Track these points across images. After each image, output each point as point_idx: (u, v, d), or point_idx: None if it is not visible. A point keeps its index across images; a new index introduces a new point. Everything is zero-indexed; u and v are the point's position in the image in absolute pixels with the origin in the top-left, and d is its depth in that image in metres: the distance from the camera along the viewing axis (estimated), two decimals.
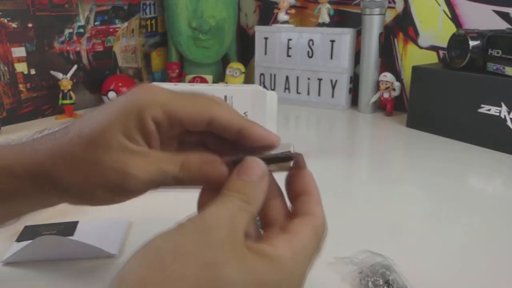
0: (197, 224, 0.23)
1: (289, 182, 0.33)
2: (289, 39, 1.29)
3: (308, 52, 1.26)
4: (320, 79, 1.26)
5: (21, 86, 1.13)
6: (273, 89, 1.33)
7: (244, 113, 0.72)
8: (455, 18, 1.08)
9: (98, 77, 1.27)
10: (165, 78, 1.45)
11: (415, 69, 1.02)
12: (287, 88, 1.33)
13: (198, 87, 0.81)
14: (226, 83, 1.36)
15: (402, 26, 1.18)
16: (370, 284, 0.44)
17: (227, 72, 1.38)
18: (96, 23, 1.27)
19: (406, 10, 1.17)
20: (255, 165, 0.27)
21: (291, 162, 0.31)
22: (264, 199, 0.27)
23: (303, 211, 0.29)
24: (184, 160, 0.28)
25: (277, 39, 1.31)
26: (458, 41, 0.93)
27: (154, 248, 0.22)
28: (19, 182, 0.28)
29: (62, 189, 0.28)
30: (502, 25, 1.00)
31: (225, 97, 0.73)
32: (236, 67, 1.38)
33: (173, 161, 0.28)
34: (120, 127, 0.27)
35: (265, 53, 1.34)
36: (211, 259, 0.21)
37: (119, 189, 0.27)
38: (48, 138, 0.29)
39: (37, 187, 0.28)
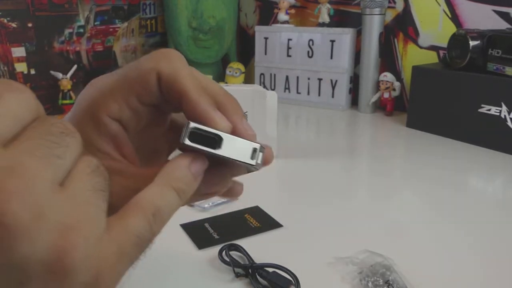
0: None
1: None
2: (289, 39, 1.29)
3: (308, 52, 1.26)
4: (320, 79, 1.26)
5: None
6: (273, 89, 1.33)
7: (244, 113, 0.72)
8: (455, 18, 1.08)
9: None
10: None
11: (415, 69, 1.02)
12: (287, 88, 1.33)
13: None
14: (226, 83, 1.36)
15: (402, 26, 1.18)
16: (370, 284, 0.44)
17: (227, 72, 1.38)
18: (96, 23, 1.27)
19: (406, 10, 1.17)
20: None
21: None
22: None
23: None
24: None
25: (277, 39, 1.31)
26: (458, 41, 0.93)
27: None
28: None
29: None
30: (502, 25, 1.00)
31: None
32: (236, 67, 1.38)
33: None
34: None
35: (265, 53, 1.34)
36: None
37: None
38: None
39: None
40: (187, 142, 0.22)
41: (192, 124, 0.22)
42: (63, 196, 0.16)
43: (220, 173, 0.25)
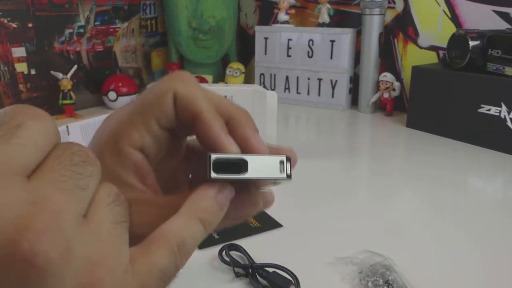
0: None
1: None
2: (289, 39, 1.29)
3: (308, 52, 1.26)
4: (320, 79, 1.26)
5: (21, 86, 1.13)
6: (273, 89, 1.33)
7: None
8: (455, 18, 1.08)
9: (98, 77, 1.27)
10: None
11: (415, 69, 1.02)
12: (287, 88, 1.33)
13: None
14: (226, 83, 1.36)
15: (402, 26, 1.18)
16: (370, 284, 0.44)
17: (227, 72, 1.38)
18: (96, 23, 1.27)
19: (406, 10, 1.17)
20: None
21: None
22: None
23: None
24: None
25: (277, 39, 1.31)
26: (458, 41, 0.93)
27: None
28: None
29: None
30: (502, 25, 1.00)
31: (225, 97, 0.73)
32: (236, 67, 1.38)
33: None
34: (104, 175, 0.21)
35: (265, 53, 1.34)
36: None
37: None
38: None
39: None
40: (214, 175, 0.21)
41: (213, 156, 0.21)
42: (87, 229, 0.16)
43: (249, 195, 0.24)
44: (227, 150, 0.22)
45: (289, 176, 0.23)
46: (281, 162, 0.22)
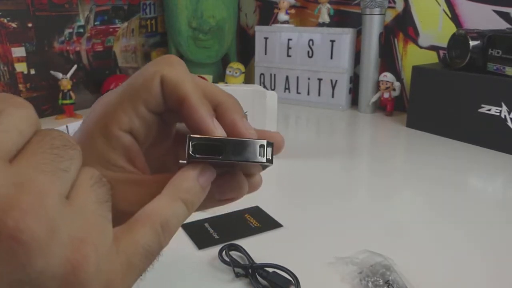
0: None
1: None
2: (289, 39, 1.29)
3: (308, 52, 1.26)
4: (320, 79, 1.26)
5: (21, 86, 1.13)
6: (273, 89, 1.33)
7: (245, 113, 0.72)
8: (455, 18, 1.08)
9: (98, 77, 1.27)
10: None
11: (415, 69, 1.02)
12: (287, 88, 1.33)
13: None
14: (226, 83, 1.36)
15: (402, 26, 1.18)
16: (370, 284, 0.44)
17: (227, 72, 1.38)
18: (96, 23, 1.27)
19: (406, 10, 1.17)
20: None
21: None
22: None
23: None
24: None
25: (277, 39, 1.31)
26: (458, 41, 0.93)
27: None
28: None
29: None
30: (502, 25, 1.00)
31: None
32: (236, 67, 1.38)
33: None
34: (94, 158, 0.23)
35: (265, 53, 1.34)
36: None
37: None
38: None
39: None
40: (192, 155, 0.22)
41: (193, 136, 0.22)
42: (71, 209, 0.17)
43: (234, 178, 0.25)
44: (212, 134, 0.22)
45: (269, 161, 0.23)
46: (261, 146, 0.22)
